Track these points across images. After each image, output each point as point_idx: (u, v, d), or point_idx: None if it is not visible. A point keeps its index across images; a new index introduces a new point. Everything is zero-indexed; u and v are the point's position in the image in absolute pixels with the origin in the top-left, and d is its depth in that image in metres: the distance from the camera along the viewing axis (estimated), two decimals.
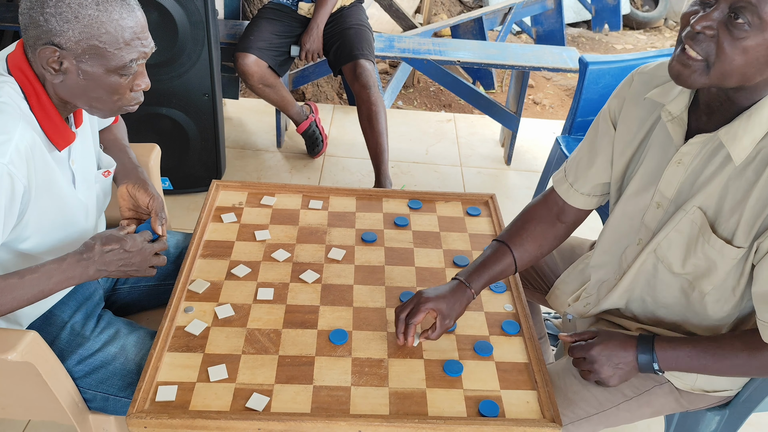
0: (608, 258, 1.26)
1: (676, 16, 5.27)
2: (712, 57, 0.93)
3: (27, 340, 1.02)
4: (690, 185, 1.08)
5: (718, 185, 1.04)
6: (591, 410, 1.19)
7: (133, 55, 1.03)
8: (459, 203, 1.60)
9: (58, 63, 1.00)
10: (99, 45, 1.00)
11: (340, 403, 1.08)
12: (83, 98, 1.06)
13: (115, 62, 1.02)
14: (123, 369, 1.21)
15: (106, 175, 1.26)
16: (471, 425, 1.05)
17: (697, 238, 1.07)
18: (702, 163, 1.06)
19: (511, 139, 2.95)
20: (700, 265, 1.09)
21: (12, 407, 1.21)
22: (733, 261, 1.05)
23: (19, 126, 1.00)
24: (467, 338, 1.22)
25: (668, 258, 1.12)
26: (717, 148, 1.04)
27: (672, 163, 1.09)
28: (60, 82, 1.03)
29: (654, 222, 1.14)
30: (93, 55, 1.00)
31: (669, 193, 1.10)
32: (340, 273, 1.35)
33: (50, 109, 1.06)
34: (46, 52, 0.99)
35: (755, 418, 1.37)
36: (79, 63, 1.01)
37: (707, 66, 0.94)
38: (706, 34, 0.92)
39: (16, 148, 0.99)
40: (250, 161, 2.86)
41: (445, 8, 4.68)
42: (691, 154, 1.06)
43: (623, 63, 2.18)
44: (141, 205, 1.26)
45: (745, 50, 0.90)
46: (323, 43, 2.61)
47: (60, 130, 1.09)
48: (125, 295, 1.44)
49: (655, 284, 1.18)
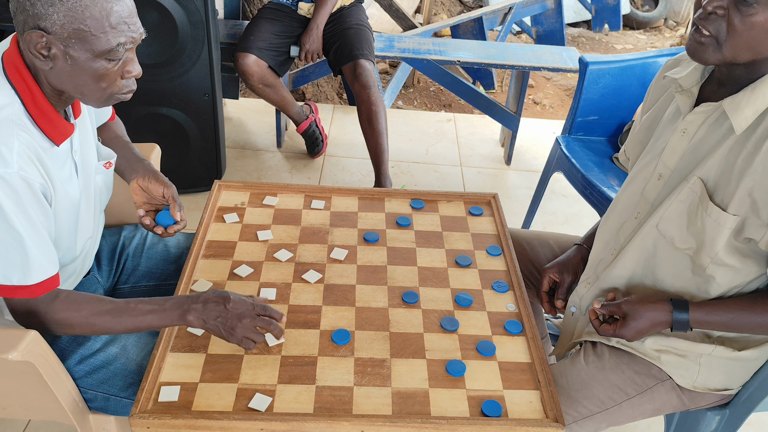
0: (607, 234, 1.29)
1: (676, 16, 5.28)
2: (723, 34, 1.00)
3: (27, 340, 1.02)
4: (692, 155, 1.12)
5: (719, 156, 1.08)
6: (594, 409, 1.20)
7: (120, 39, 1.02)
8: (461, 203, 1.60)
9: (46, 48, 1.00)
10: (84, 29, 0.98)
11: (343, 403, 1.08)
12: (72, 85, 1.05)
13: (100, 46, 1.00)
14: (124, 369, 1.21)
15: (107, 167, 1.26)
16: (474, 425, 1.05)
17: (696, 208, 1.10)
18: (706, 133, 1.11)
19: (511, 139, 2.95)
20: (699, 237, 1.11)
21: (12, 407, 1.21)
22: (728, 231, 1.07)
23: (16, 134, 1.00)
24: (470, 338, 1.22)
25: (670, 231, 1.15)
26: (721, 119, 1.09)
27: (677, 132, 1.14)
28: (49, 69, 1.02)
29: (653, 194, 1.18)
30: (79, 40, 0.99)
31: (671, 162, 1.15)
32: (342, 273, 1.35)
33: (44, 105, 1.06)
34: (33, 37, 0.98)
35: (755, 418, 1.37)
36: (66, 48, 1.00)
37: (718, 43, 1.01)
38: (717, 13, 0.99)
39: (19, 154, 0.99)
40: (250, 161, 2.85)
41: (445, 8, 4.68)
42: (695, 123, 1.12)
43: (623, 63, 2.18)
44: (156, 196, 1.28)
45: (753, 26, 0.97)
46: (323, 43, 2.61)
47: (56, 125, 1.08)
48: (126, 295, 1.44)
49: (655, 264, 1.19)
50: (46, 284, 1.06)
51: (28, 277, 1.03)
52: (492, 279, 1.36)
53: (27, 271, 1.03)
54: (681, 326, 1.14)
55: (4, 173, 0.96)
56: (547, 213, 2.67)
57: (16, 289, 1.04)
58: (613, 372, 1.22)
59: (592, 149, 2.21)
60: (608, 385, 1.21)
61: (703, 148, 1.11)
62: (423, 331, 1.22)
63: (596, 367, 1.23)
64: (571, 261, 1.38)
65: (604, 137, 2.29)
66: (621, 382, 1.21)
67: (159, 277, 1.44)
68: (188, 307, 1.09)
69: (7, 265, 1.01)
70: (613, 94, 2.19)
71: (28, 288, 1.04)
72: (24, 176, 0.99)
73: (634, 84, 2.21)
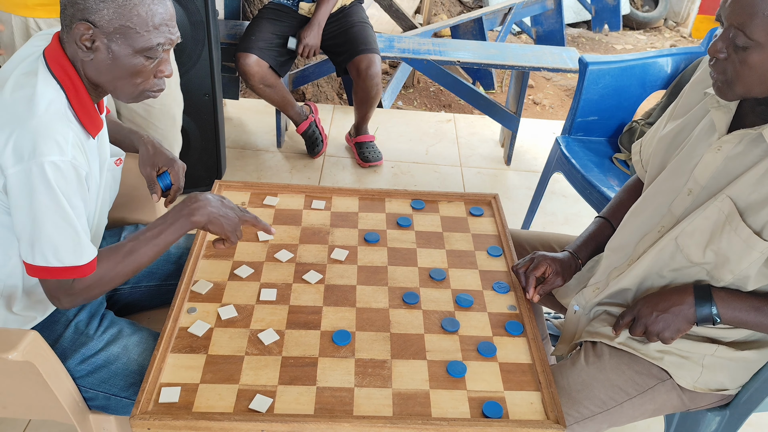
0: (625, 243, 1.28)
1: (676, 16, 5.28)
2: (730, 75, 1.04)
3: (28, 340, 1.02)
4: (724, 172, 1.11)
5: (753, 177, 1.07)
6: (595, 409, 1.20)
7: (161, 40, 1.08)
8: (462, 203, 1.60)
9: (90, 40, 1.06)
10: (129, 26, 1.05)
11: (344, 404, 1.08)
12: (108, 78, 1.11)
13: (142, 44, 1.07)
14: (125, 369, 1.21)
15: (117, 164, 1.31)
16: (475, 426, 1.05)
17: (723, 226, 1.09)
18: (740, 152, 1.10)
19: (511, 140, 2.95)
20: (721, 254, 1.10)
21: (13, 407, 1.21)
22: (759, 254, 1.07)
23: (67, 127, 1.06)
24: (471, 339, 1.22)
25: (689, 246, 1.14)
26: (757, 140, 1.08)
27: (711, 149, 1.13)
28: (90, 60, 1.08)
29: (681, 209, 1.17)
30: (123, 35, 1.06)
31: (703, 179, 1.14)
32: (343, 273, 1.35)
33: (86, 99, 1.12)
34: (80, 28, 1.04)
35: (755, 418, 1.37)
36: (109, 42, 1.06)
37: (730, 83, 1.05)
38: (719, 57, 1.04)
39: (73, 144, 1.06)
40: (250, 161, 2.85)
41: (445, 8, 4.68)
42: (731, 142, 1.11)
43: (623, 63, 2.18)
44: (158, 162, 1.38)
45: (753, 65, 1.00)
46: (324, 41, 2.61)
47: (94, 118, 1.15)
48: (127, 295, 1.44)
49: (668, 272, 1.19)
50: (93, 263, 1.11)
51: (80, 257, 1.08)
52: (493, 280, 1.36)
53: (79, 252, 1.08)
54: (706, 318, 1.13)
55: (59, 161, 1.02)
56: (547, 213, 2.67)
57: (68, 270, 1.08)
58: (614, 372, 1.22)
59: (592, 149, 2.21)
60: (609, 386, 1.21)
61: (736, 166, 1.10)
62: (424, 332, 1.22)
63: (597, 367, 1.23)
64: (568, 269, 1.33)
65: (604, 137, 2.29)
66: (622, 382, 1.21)
67: (159, 277, 1.44)
68: (189, 210, 1.18)
69: (60, 248, 1.06)
70: (613, 94, 2.19)
71: (80, 268, 1.09)
72: (75, 164, 1.05)
73: (634, 84, 2.21)
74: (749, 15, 0.97)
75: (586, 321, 1.34)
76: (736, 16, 0.99)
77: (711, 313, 1.13)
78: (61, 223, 1.05)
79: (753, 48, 0.99)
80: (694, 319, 1.14)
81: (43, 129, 1.02)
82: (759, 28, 0.97)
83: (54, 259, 1.06)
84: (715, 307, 1.12)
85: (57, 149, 1.02)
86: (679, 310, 1.14)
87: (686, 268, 1.17)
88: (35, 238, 1.05)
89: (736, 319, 1.13)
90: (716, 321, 1.13)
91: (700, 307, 1.13)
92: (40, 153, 1.01)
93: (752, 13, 0.97)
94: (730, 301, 1.13)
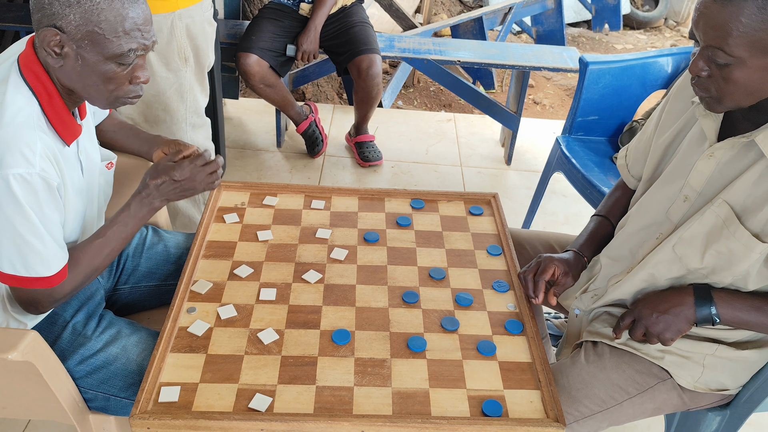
0: (623, 251, 1.27)
1: (676, 15, 5.28)
2: (715, 91, 1.03)
3: (27, 340, 1.02)
4: (719, 177, 1.11)
5: (748, 180, 1.07)
6: (595, 408, 1.20)
7: (132, 45, 1.04)
8: (461, 203, 1.59)
9: (59, 46, 1.03)
10: (97, 31, 1.01)
11: (343, 403, 1.08)
12: (81, 85, 1.07)
13: (112, 50, 1.03)
14: (124, 369, 1.21)
15: (109, 167, 1.29)
16: (474, 425, 1.05)
17: (720, 231, 1.09)
18: (733, 157, 1.09)
19: (511, 139, 2.95)
20: (721, 258, 1.10)
21: (12, 407, 1.21)
22: (758, 255, 1.07)
23: (37, 136, 1.04)
24: (470, 338, 1.22)
25: (688, 254, 1.14)
26: (749, 145, 1.07)
27: (704, 156, 1.12)
28: (60, 67, 1.05)
29: (678, 215, 1.17)
30: (91, 42, 1.02)
31: (698, 185, 1.13)
32: (342, 273, 1.35)
33: (60, 106, 1.09)
34: (48, 34, 1.01)
35: (755, 418, 1.37)
36: (78, 48, 1.02)
37: (716, 98, 1.04)
38: (701, 76, 1.03)
39: (41, 156, 1.03)
40: (250, 161, 2.85)
41: (445, 8, 4.68)
42: (723, 148, 1.10)
43: (623, 63, 2.18)
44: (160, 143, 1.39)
45: (736, 81, 0.99)
46: (325, 42, 2.61)
47: (68, 125, 1.11)
48: (126, 295, 1.44)
49: (666, 279, 1.19)
50: (63, 272, 1.10)
51: (49, 268, 1.08)
52: (492, 279, 1.36)
53: (47, 263, 1.07)
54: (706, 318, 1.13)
55: (26, 173, 1.00)
56: (547, 213, 2.67)
57: (38, 281, 1.08)
58: (614, 371, 1.22)
59: (592, 149, 2.21)
60: (609, 384, 1.21)
61: (730, 171, 1.10)
62: (423, 331, 1.22)
63: (597, 366, 1.23)
64: (576, 268, 1.33)
65: (604, 137, 2.29)
66: (622, 381, 1.21)
67: (159, 277, 1.44)
68: (147, 199, 1.19)
69: (30, 259, 1.05)
70: (613, 94, 2.19)
71: (48, 279, 1.09)
72: (44, 176, 1.02)
73: (634, 84, 2.21)
74: (723, 35, 0.95)
75: (586, 321, 1.34)
76: (710, 38, 0.97)
77: (711, 314, 1.12)
78: (28, 236, 1.03)
79: (735, 64, 0.97)
80: (694, 319, 1.14)
81: (10, 140, 0.99)
82: (737, 44, 0.95)
83: (22, 268, 1.06)
84: (715, 307, 1.12)
85: (23, 161, 1.00)
86: (680, 311, 1.14)
87: (684, 276, 1.17)
88: (2, 248, 1.03)
89: (736, 319, 1.13)
90: (716, 321, 1.13)
91: (700, 307, 1.13)
92: (6, 165, 0.98)
93: (726, 32, 0.95)
94: (730, 302, 1.12)
